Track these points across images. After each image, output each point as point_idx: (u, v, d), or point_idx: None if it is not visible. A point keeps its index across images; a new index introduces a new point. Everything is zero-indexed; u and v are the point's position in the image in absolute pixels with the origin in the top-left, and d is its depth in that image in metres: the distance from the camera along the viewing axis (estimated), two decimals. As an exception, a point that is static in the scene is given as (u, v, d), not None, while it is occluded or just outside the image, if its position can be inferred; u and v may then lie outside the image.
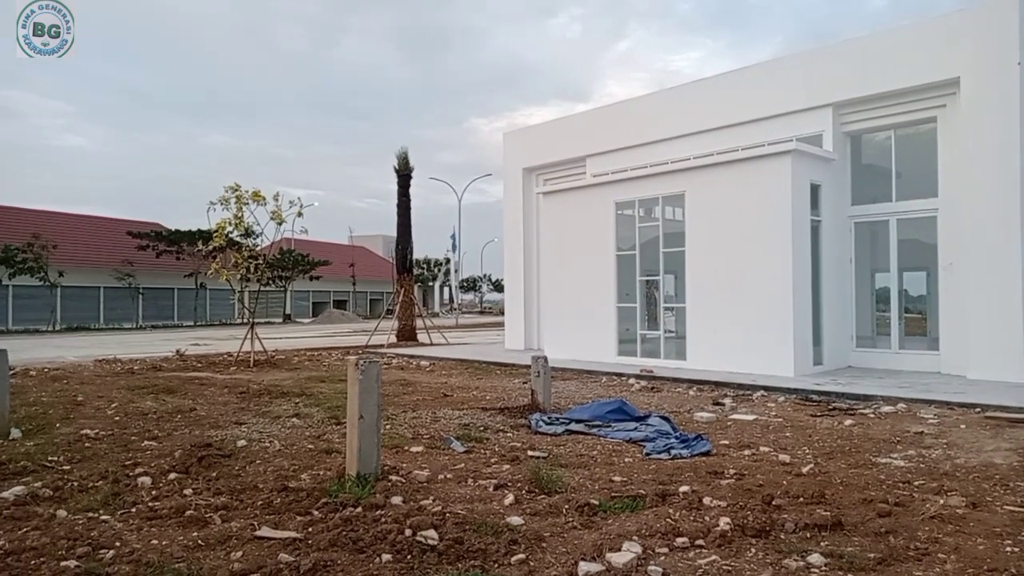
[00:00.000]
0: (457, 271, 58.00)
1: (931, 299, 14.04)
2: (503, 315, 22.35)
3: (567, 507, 4.85)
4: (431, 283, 78.55)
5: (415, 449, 6.84)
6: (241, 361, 16.23)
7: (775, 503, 4.83)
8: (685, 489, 5.24)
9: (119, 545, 4.12)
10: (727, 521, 4.41)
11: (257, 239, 17.60)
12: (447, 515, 4.56)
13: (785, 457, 6.47)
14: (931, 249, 13.17)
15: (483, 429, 7.91)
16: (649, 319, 15.91)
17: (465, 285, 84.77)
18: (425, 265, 75.44)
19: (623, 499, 5.04)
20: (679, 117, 16.35)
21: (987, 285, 11.76)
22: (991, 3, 11.89)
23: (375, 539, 4.12)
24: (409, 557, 3.93)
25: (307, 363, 16.52)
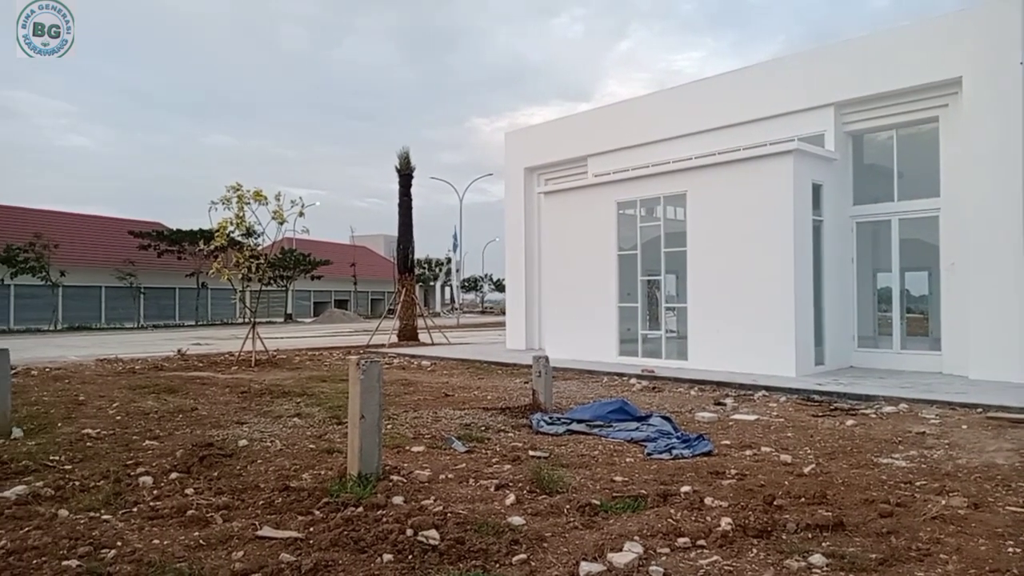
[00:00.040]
0: (458, 271, 58.03)
1: (933, 299, 14.03)
2: (504, 315, 22.35)
3: (568, 507, 4.85)
4: (432, 283, 78.56)
5: (416, 449, 6.84)
6: (242, 361, 16.25)
7: (777, 503, 4.83)
8: (687, 489, 5.23)
9: (120, 545, 4.12)
10: (728, 521, 4.41)
11: (258, 239, 17.61)
12: (448, 515, 4.56)
13: (787, 457, 6.46)
14: (933, 249, 13.16)
15: (484, 429, 7.91)
16: (650, 319, 15.90)
17: (466, 285, 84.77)
18: (426, 265, 75.43)
19: (624, 499, 5.03)
20: (681, 117, 16.34)
21: (989, 285, 11.74)
22: (993, 3, 11.88)
23: (376, 539, 4.12)
24: (410, 557, 3.93)
25: (308, 363, 16.53)
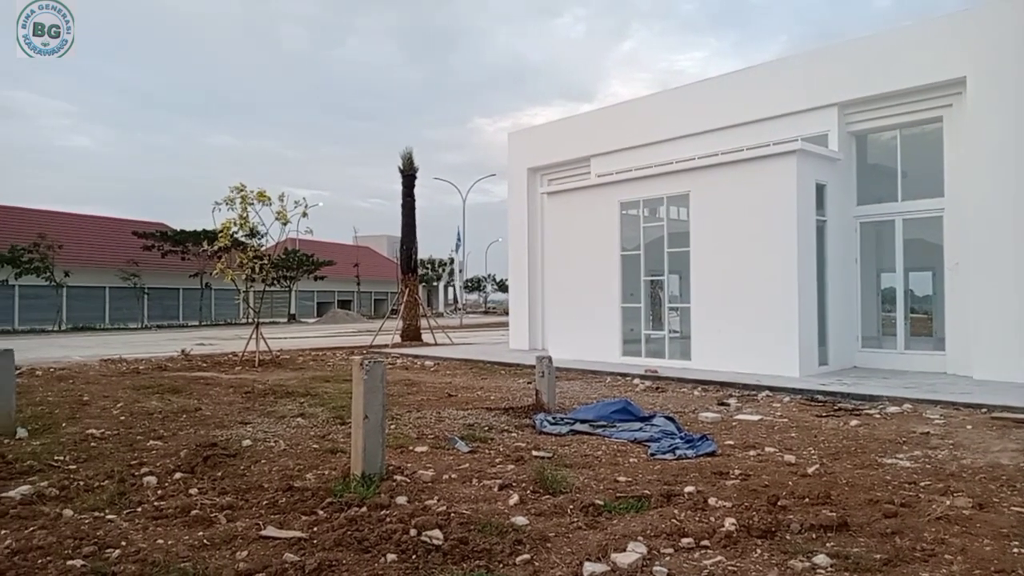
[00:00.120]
0: (461, 271, 58.03)
1: (937, 299, 13.99)
2: (507, 315, 22.34)
3: (572, 507, 4.85)
4: (435, 283, 78.63)
5: (420, 449, 6.84)
6: (246, 361, 16.26)
7: (780, 504, 4.81)
8: (690, 490, 5.23)
9: (125, 544, 4.13)
10: (732, 522, 4.40)
11: (262, 239, 17.65)
12: (452, 515, 4.56)
13: (790, 458, 6.45)
14: (937, 249, 13.13)
15: (488, 429, 7.91)
16: (654, 319, 15.89)
17: (469, 285, 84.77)
18: (429, 265, 75.50)
19: (628, 499, 5.03)
20: (683, 117, 16.33)
21: (993, 285, 11.71)
22: (997, 3, 11.86)
23: (380, 539, 4.12)
24: (414, 557, 3.92)
25: (312, 363, 16.55)
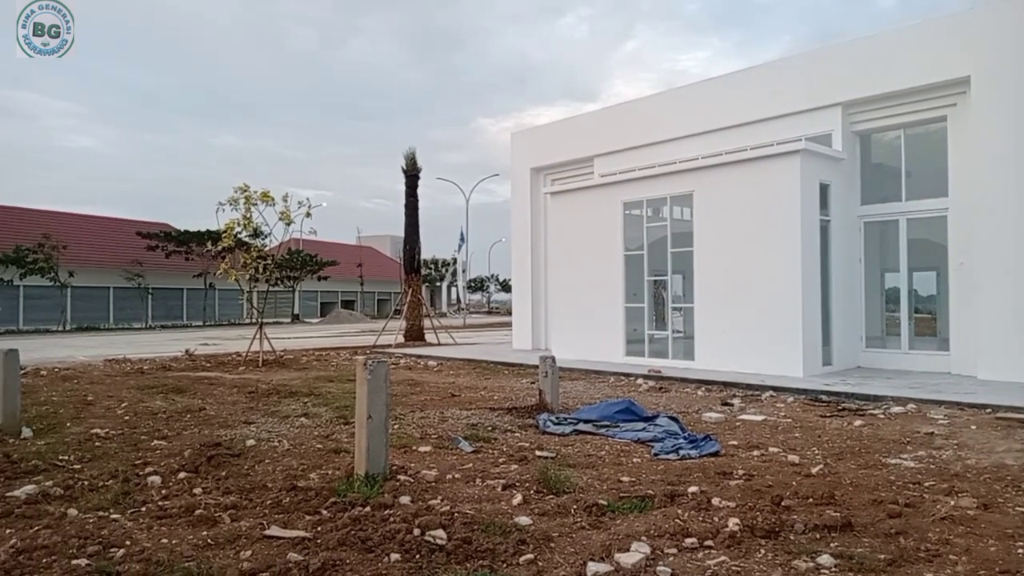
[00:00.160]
0: (465, 271, 58.03)
1: (941, 299, 13.96)
2: (510, 315, 22.34)
3: (575, 507, 4.84)
4: (439, 283, 78.65)
5: (423, 449, 6.85)
6: (250, 361, 16.29)
7: (784, 504, 4.81)
8: (694, 490, 5.22)
9: (129, 544, 4.14)
10: (736, 522, 4.39)
11: (266, 239, 17.67)
12: (455, 515, 4.56)
13: (794, 458, 6.44)
14: (941, 249, 13.09)
15: (491, 429, 7.91)
16: (657, 319, 15.87)
17: (472, 285, 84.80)
18: (433, 265, 75.53)
19: (632, 499, 5.03)
20: (687, 117, 16.31)
21: (998, 285, 11.68)
22: (1001, 2, 11.82)
23: (384, 539, 4.13)
24: (418, 557, 3.93)
25: (315, 363, 16.57)
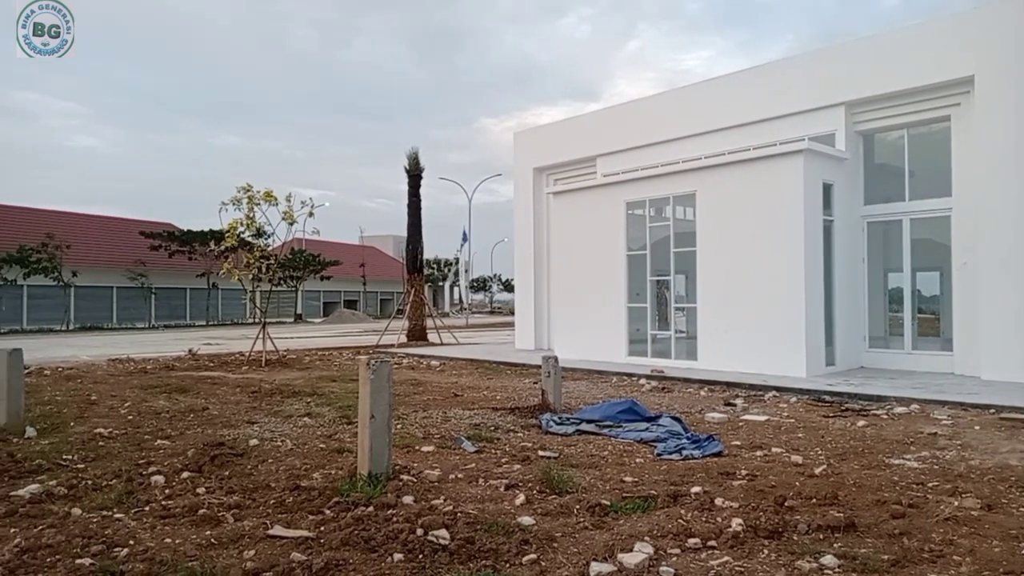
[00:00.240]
0: (467, 271, 58.05)
1: (944, 299, 13.94)
2: (513, 315, 22.34)
3: (578, 507, 4.84)
4: (441, 283, 78.67)
5: (426, 449, 6.85)
6: (253, 361, 16.31)
7: (788, 504, 4.80)
8: (697, 490, 5.22)
9: (133, 543, 4.15)
10: (739, 522, 4.39)
11: (269, 239, 17.70)
12: (458, 515, 4.56)
13: (797, 458, 6.43)
14: (945, 249, 13.07)
15: (494, 429, 7.91)
16: (660, 319, 15.86)
17: (475, 285, 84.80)
18: (435, 265, 75.55)
19: (634, 500, 5.02)
20: (689, 116, 16.29)
21: (1001, 285, 11.65)
22: (1005, 2, 11.78)
23: (387, 538, 4.13)
24: (420, 556, 3.93)
25: (318, 363, 16.58)
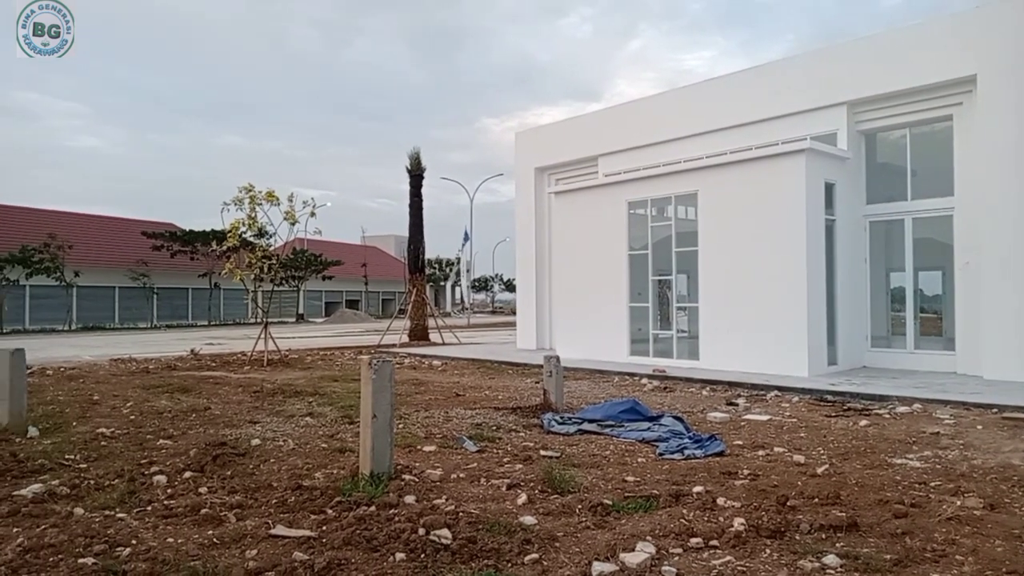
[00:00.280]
0: (469, 271, 58.05)
1: (947, 299, 13.91)
2: (515, 315, 22.35)
3: (580, 507, 4.85)
4: (443, 283, 78.68)
5: (428, 448, 6.85)
6: (255, 360, 16.33)
7: (790, 504, 4.80)
8: (699, 489, 5.21)
9: (135, 543, 4.15)
10: (741, 522, 4.38)
11: (270, 239, 17.73)
12: (460, 514, 4.56)
13: (800, 458, 6.43)
14: (947, 248, 13.05)
15: (495, 429, 7.91)
16: (661, 319, 15.86)
17: (476, 285, 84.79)
18: (437, 265, 75.56)
19: (636, 499, 5.02)
20: (691, 116, 16.28)
21: (1004, 284, 11.63)
22: (1007, 1, 11.76)
23: (389, 538, 4.13)
24: (422, 556, 3.93)
25: (320, 362, 16.59)
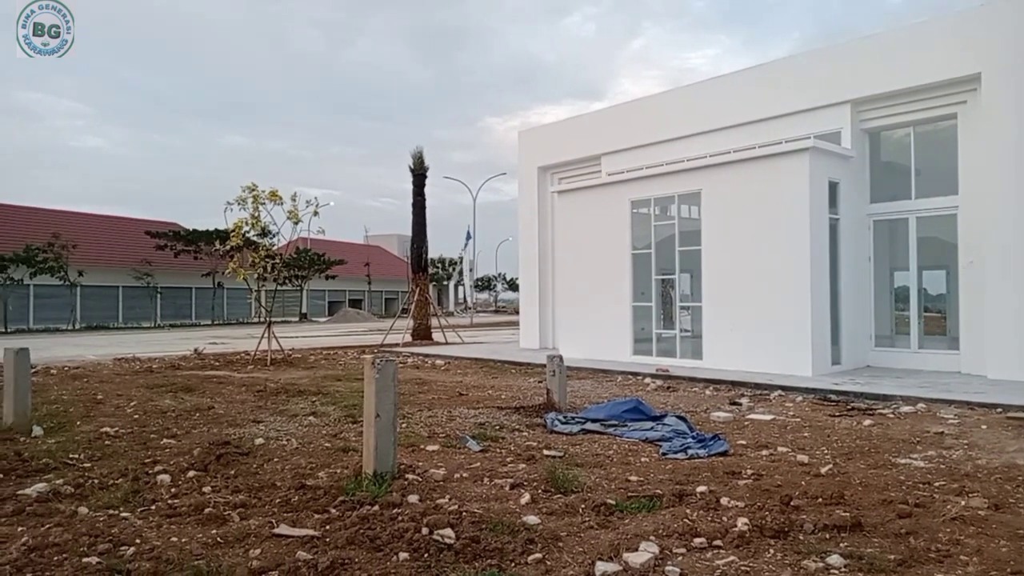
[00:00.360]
0: (472, 270, 58.03)
1: (951, 298, 13.88)
2: (518, 314, 22.35)
3: (583, 507, 4.84)
4: (446, 282, 78.64)
5: (431, 448, 6.85)
6: (258, 360, 16.35)
7: (793, 504, 4.79)
8: (702, 489, 5.21)
9: (139, 542, 4.16)
10: (745, 522, 4.38)
11: (274, 238, 17.73)
12: (463, 514, 4.56)
13: (803, 457, 6.42)
14: (951, 247, 13.01)
15: (499, 428, 7.91)
16: (665, 318, 15.84)
17: (480, 284, 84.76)
18: (440, 264, 75.51)
19: (640, 499, 5.01)
20: (695, 115, 16.26)
21: (1008, 283, 11.60)
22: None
23: (392, 537, 4.13)
24: (426, 555, 3.93)
25: (323, 362, 16.61)
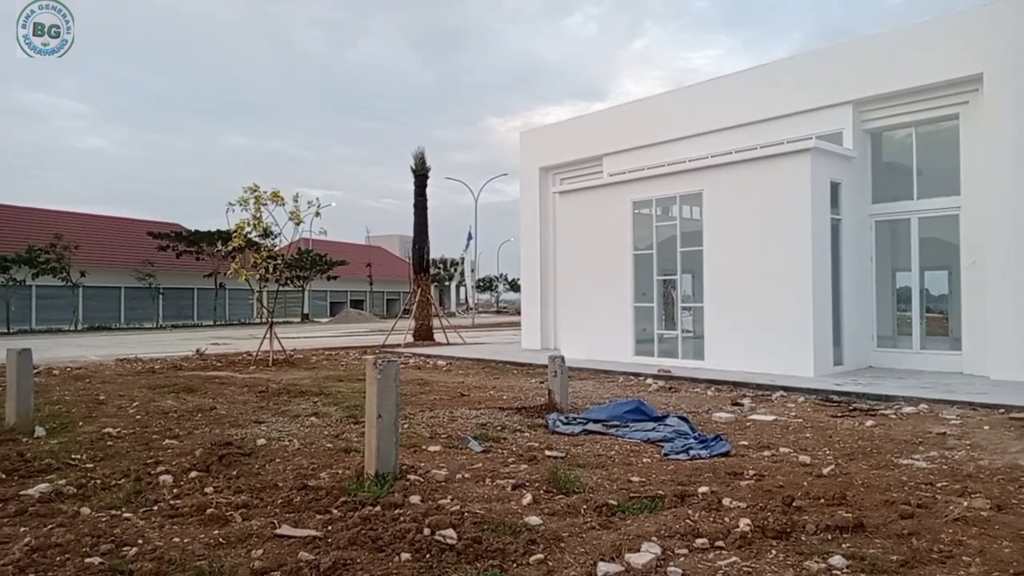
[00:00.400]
0: (473, 271, 58.01)
1: (953, 298, 13.86)
2: (519, 315, 22.35)
3: (585, 507, 4.84)
4: (447, 283, 78.60)
5: (433, 448, 6.86)
6: (260, 360, 16.36)
7: (796, 504, 4.79)
8: (704, 490, 5.21)
9: (142, 542, 4.16)
10: (747, 522, 4.37)
11: (275, 239, 17.75)
12: (465, 514, 4.56)
13: (805, 458, 6.41)
14: (953, 248, 13.00)
15: (500, 429, 7.92)
16: (666, 319, 15.83)
17: (481, 285, 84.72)
18: (441, 265, 75.52)
19: (642, 500, 5.02)
20: (696, 115, 16.25)
21: (1010, 284, 11.59)
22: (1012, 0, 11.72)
23: (394, 538, 4.13)
24: (428, 556, 3.93)
25: (325, 362, 16.62)
